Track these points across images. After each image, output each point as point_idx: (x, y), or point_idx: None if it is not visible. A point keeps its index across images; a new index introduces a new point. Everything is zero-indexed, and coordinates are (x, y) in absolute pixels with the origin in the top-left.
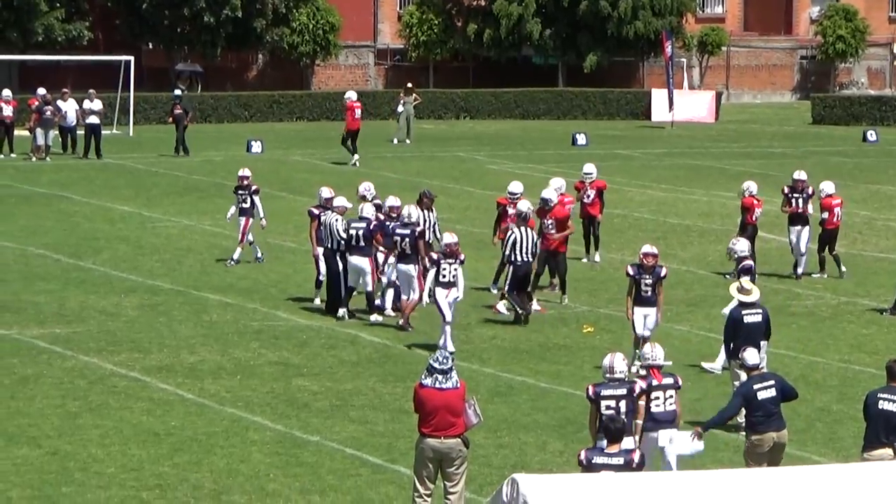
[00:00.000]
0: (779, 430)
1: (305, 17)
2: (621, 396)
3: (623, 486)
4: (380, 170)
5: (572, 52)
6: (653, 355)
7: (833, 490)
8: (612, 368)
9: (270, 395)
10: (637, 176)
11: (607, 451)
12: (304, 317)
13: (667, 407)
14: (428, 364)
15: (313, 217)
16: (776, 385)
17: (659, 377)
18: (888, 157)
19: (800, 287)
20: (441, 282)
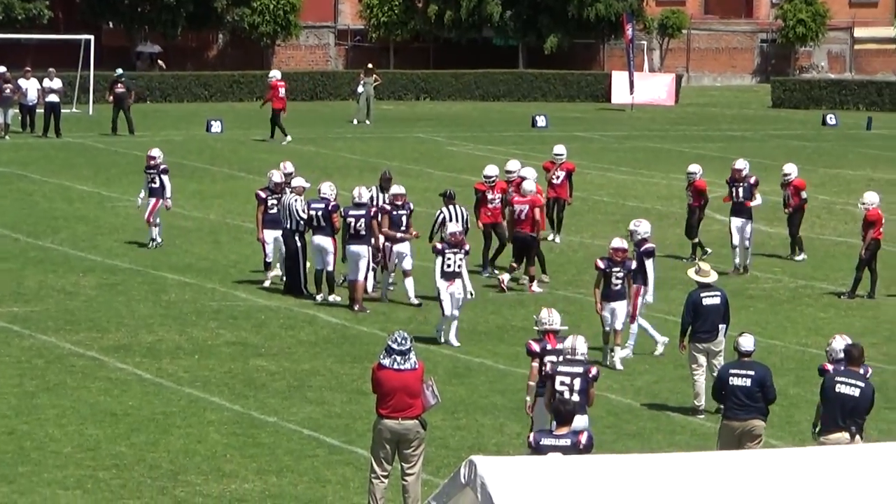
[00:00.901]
0: (744, 421)
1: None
2: (577, 374)
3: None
4: (340, 150)
5: (533, 33)
6: (549, 320)
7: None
8: (574, 350)
9: (228, 376)
10: (597, 158)
11: (556, 433)
12: (263, 297)
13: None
14: (386, 345)
15: (260, 201)
16: (755, 377)
17: (553, 342)
18: (847, 141)
19: (758, 270)
20: (445, 272)
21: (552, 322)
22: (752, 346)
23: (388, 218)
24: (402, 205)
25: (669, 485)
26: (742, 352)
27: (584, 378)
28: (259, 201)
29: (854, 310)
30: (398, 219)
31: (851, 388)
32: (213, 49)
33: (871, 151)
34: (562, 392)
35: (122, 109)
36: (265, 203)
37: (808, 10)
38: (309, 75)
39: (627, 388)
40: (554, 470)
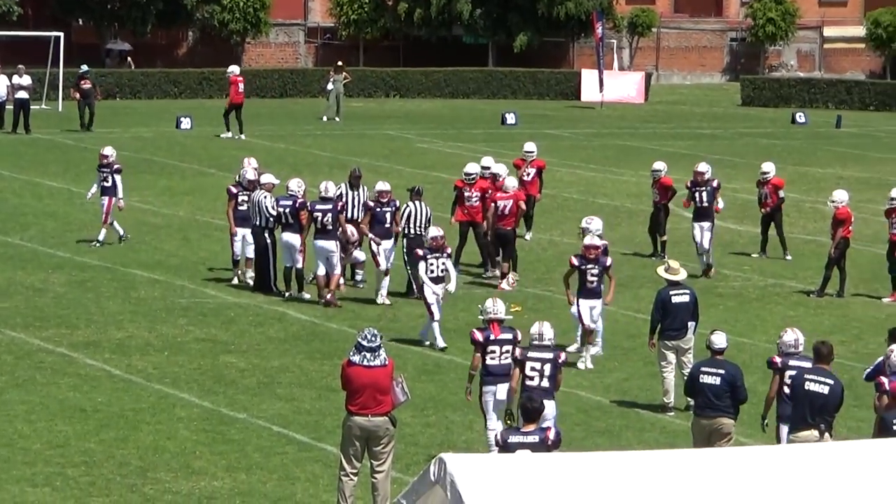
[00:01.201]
0: (712, 419)
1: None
2: (547, 360)
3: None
4: (309, 147)
5: (502, 31)
6: (494, 309)
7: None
8: (541, 335)
9: (198, 372)
10: (566, 156)
11: (523, 430)
12: (232, 294)
13: (502, 361)
14: (356, 342)
15: (231, 196)
16: (724, 376)
17: (497, 331)
18: (817, 140)
19: (727, 268)
20: (430, 277)
21: (496, 311)
22: (725, 344)
23: (372, 215)
24: (387, 202)
25: (639, 482)
26: (714, 349)
27: (554, 364)
28: (230, 196)
29: (823, 308)
30: (382, 216)
31: (821, 386)
32: (182, 46)
33: (841, 150)
34: (532, 377)
35: (88, 105)
36: (236, 199)
37: (778, 8)
38: (279, 73)
39: (597, 385)
40: (523, 467)
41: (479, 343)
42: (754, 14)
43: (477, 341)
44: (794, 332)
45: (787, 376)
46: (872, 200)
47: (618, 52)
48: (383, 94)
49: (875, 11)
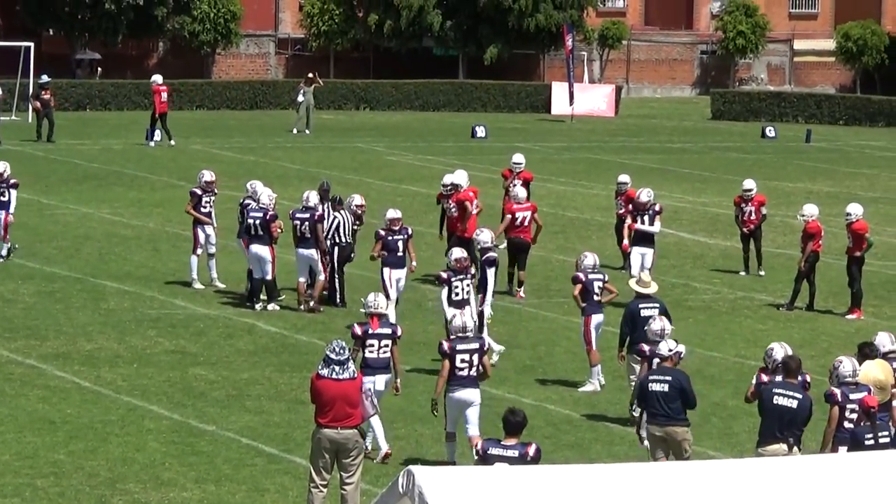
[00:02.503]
0: (663, 426)
1: (206, 6)
2: (474, 350)
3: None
4: (279, 160)
5: (473, 44)
6: (375, 304)
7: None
8: (464, 327)
9: (167, 384)
10: (536, 169)
11: (504, 442)
12: (202, 305)
13: (380, 354)
14: (325, 354)
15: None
16: (671, 382)
17: (376, 325)
18: (786, 154)
19: (697, 281)
20: (453, 300)
21: (377, 305)
22: (666, 352)
23: (382, 244)
24: (398, 230)
25: (609, 495)
26: (661, 356)
27: (480, 352)
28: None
29: (793, 322)
30: (394, 244)
31: (789, 400)
32: (153, 57)
33: (810, 164)
34: (462, 368)
35: (47, 116)
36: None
37: (748, 21)
38: (249, 84)
39: (566, 398)
40: (491, 480)
41: (358, 337)
42: (724, 27)
43: (356, 335)
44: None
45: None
46: (842, 215)
47: (588, 64)
48: (353, 107)
49: (845, 25)
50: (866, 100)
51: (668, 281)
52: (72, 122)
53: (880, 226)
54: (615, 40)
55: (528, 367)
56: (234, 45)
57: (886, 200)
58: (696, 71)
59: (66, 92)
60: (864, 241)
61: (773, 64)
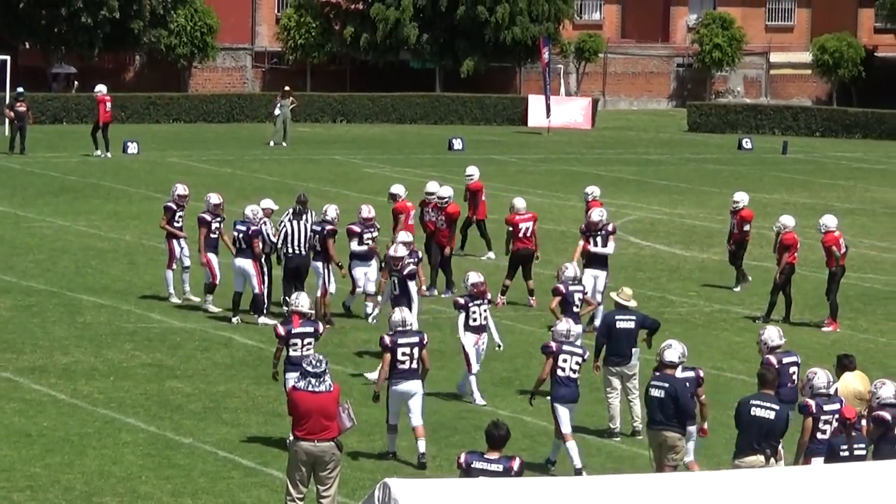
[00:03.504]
0: (658, 431)
1: (183, 19)
2: (415, 344)
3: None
4: (256, 172)
5: (449, 56)
6: (296, 302)
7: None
8: (404, 322)
9: (143, 397)
10: (513, 181)
11: (487, 456)
12: (178, 318)
13: (304, 352)
14: (301, 367)
15: (203, 223)
16: (668, 389)
17: (297, 323)
18: (763, 166)
19: (673, 294)
20: (471, 326)
21: (298, 304)
22: (675, 359)
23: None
24: (409, 254)
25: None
26: (664, 362)
27: (420, 346)
28: (201, 224)
29: None
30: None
31: (766, 411)
32: (129, 70)
33: (787, 176)
34: (403, 361)
35: (20, 129)
36: (209, 226)
37: (725, 34)
38: (225, 97)
39: (543, 410)
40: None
41: (281, 336)
42: (701, 40)
43: (279, 335)
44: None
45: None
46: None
47: (565, 77)
48: (330, 119)
49: (821, 37)
50: (842, 112)
51: (644, 294)
52: (48, 134)
53: (857, 237)
54: (592, 53)
55: (504, 380)
56: (211, 59)
57: (862, 212)
58: (672, 83)
59: (43, 105)
60: (831, 255)
61: (750, 76)
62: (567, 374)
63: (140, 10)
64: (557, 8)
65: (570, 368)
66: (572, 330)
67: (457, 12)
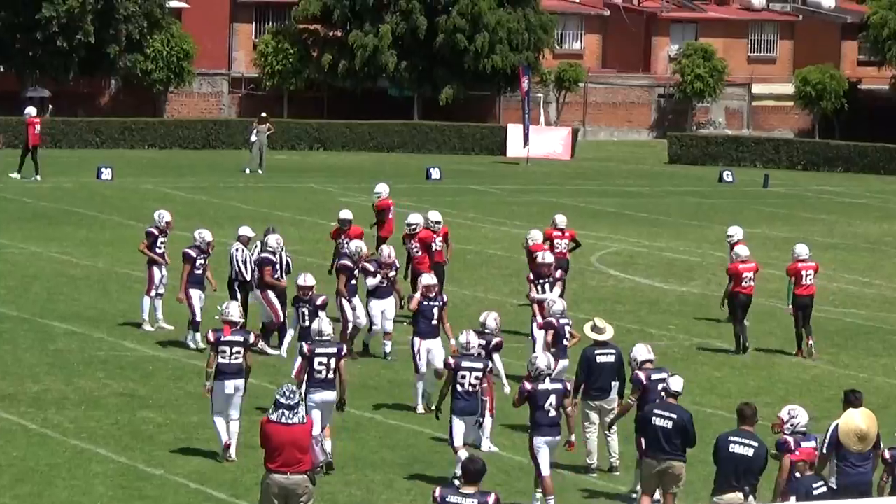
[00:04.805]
0: (662, 461)
1: (160, 44)
2: (332, 354)
3: None
4: (231, 200)
5: (428, 84)
6: (226, 312)
7: None
8: (320, 332)
9: (115, 427)
10: (491, 212)
11: (463, 490)
12: (151, 347)
13: (232, 360)
14: (274, 399)
15: (188, 259)
16: (676, 420)
17: (227, 332)
18: (744, 198)
19: (652, 327)
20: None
21: (230, 314)
22: (681, 389)
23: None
24: (434, 297)
25: None
26: (670, 392)
27: (338, 356)
28: (187, 259)
29: (749, 369)
30: (429, 311)
31: (745, 448)
32: (105, 95)
33: (768, 209)
34: (320, 371)
35: None
36: (193, 263)
37: (706, 65)
38: (202, 123)
39: (518, 445)
40: None
41: (210, 343)
42: (682, 70)
43: (209, 341)
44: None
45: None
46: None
47: (544, 107)
48: (307, 147)
49: (804, 69)
50: (825, 144)
51: (624, 327)
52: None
53: (838, 272)
54: (572, 83)
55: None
56: (187, 84)
57: (844, 247)
58: (653, 114)
59: (16, 129)
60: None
61: (731, 108)
62: (466, 388)
63: (116, 34)
64: (538, 37)
65: (470, 383)
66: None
67: (436, 40)
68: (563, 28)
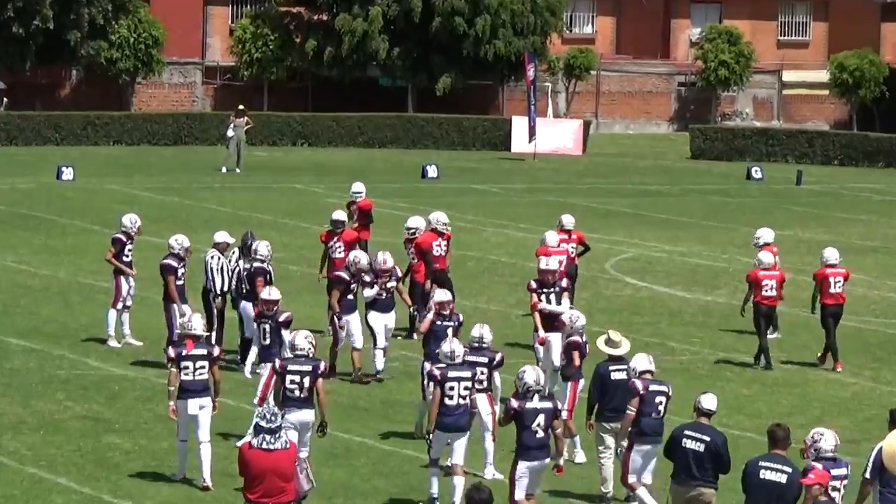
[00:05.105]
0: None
1: (126, 30)
2: (306, 373)
3: None
4: (206, 202)
5: (423, 73)
6: (190, 325)
7: None
8: (293, 346)
9: (77, 454)
10: (494, 214)
11: None
12: (117, 365)
13: (196, 377)
14: (254, 422)
15: (170, 270)
16: (709, 443)
17: (191, 347)
18: (774, 197)
19: (674, 341)
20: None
21: (192, 327)
22: (714, 407)
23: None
24: (448, 315)
25: None
26: (703, 411)
27: (313, 375)
28: (168, 271)
29: (781, 386)
30: (442, 330)
31: (777, 475)
32: (65, 86)
33: (801, 209)
34: (292, 390)
35: None
36: (176, 274)
37: (732, 50)
38: (173, 117)
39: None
40: None
41: (172, 359)
42: (705, 56)
43: (170, 357)
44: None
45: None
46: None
47: (552, 97)
48: (289, 143)
49: (840, 54)
50: (863, 137)
51: (642, 340)
52: None
53: (879, 279)
54: (583, 70)
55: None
56: (157, 74)
57: (886, 250)
58: (673, 105)
59: None
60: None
61: (760, 97)
62: (455, 402)
63: (77, 19)
64: (544, 20)
65: (459, 395)
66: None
67: (432, 24)
68: (573, 10)
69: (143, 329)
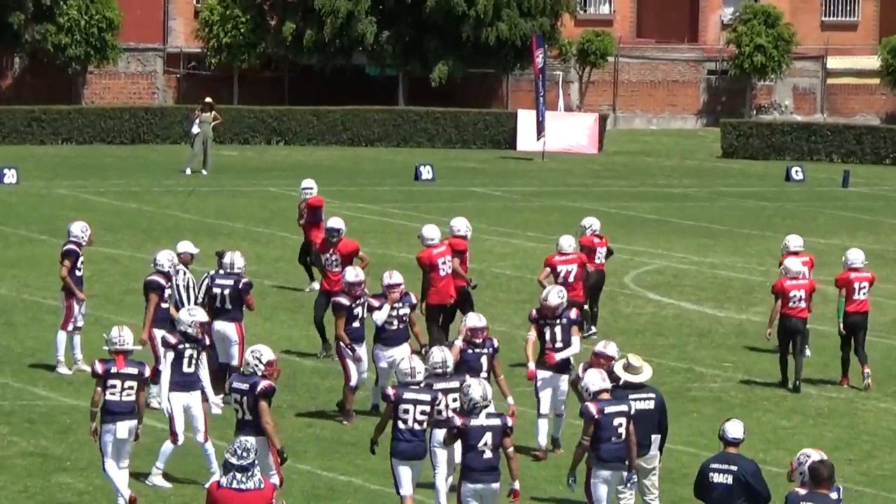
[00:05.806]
0: None
1: (76, 12)
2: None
3: None
4: (168, 208)
5: (416, 60)
6: (120, 340)
7: None
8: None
9: (24, 495)
10: (497, 221)
11: None
12: (68, 394)
13: (123, 397)
14: (224, 459)
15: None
16: (737, 474)
17: (121, 364)
18: (817, 201)
19: (703, 365)
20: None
21: (122, 342)
22: (741, 435)
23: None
24: (482, 343)
25: None
26: (727, 440)
27: (252, 393)
28: (154, 289)
29: (825, 416)
30: (475, 360)
31: None
32: (7, 77)
33: (848, 214)
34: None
35: None
36: (162, 293)
37: (770, 33)
38: (130, 111)
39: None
40: None
41: (99, 375)
42: (739, 40)
43: (97, 373)
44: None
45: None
46: (889, 279)
47: (564, 87)
48: (264, 140)
49: (892, 37)
50: None
51: (667, 365)
52: None
53: None
54: (599, 57)
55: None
56: (111, 62)
57: None
58: (702, 96)
59: None
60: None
61: (801, 87)
62: (410, 426)
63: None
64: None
65: (415, 419)
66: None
67: (426, 4)
68: None
69: (97, 354)
